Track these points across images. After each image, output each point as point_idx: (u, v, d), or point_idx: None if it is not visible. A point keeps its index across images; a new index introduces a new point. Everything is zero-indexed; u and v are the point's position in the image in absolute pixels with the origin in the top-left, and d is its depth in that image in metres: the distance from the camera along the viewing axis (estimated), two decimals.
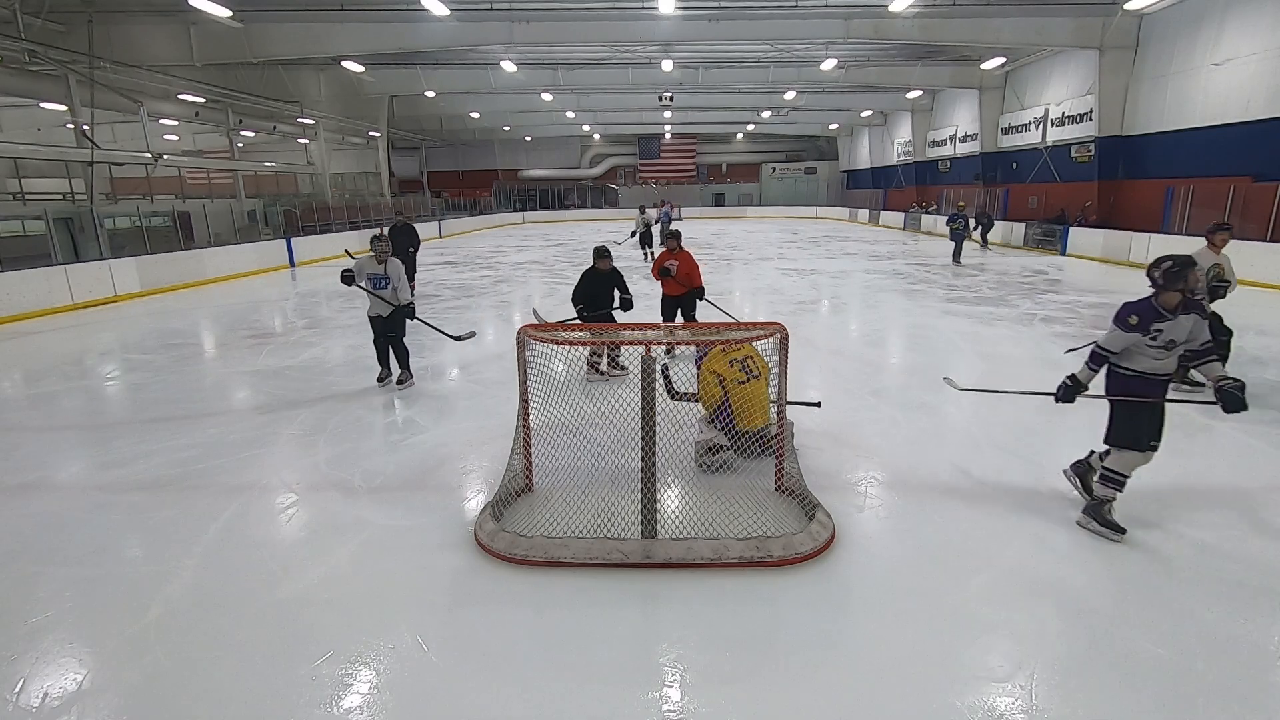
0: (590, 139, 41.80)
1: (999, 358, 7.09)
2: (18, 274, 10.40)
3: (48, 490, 4.21)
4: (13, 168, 20.08)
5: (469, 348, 7.24)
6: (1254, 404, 5.38)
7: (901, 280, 13.05)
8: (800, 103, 28.00)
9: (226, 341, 8.46)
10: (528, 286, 13.19)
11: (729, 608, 2.88)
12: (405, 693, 2.42)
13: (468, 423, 5.31)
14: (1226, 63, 13.75)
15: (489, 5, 15.53)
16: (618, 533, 3.34)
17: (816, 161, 42.20)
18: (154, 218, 16.50)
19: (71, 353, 8.10)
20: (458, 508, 3.84)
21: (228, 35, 15.47)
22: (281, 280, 14.80)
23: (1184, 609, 2.83)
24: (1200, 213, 13.63)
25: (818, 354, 7.34)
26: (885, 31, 16.32)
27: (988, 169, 23.51)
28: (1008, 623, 2.76)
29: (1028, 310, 9.60)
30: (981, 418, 5.26)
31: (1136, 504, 3.81)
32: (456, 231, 29.66)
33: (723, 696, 2.38)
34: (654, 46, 19.24)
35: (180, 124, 23.35)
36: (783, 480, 3.82)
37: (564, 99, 28.03)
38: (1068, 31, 16.28)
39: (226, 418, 5.49)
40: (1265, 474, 4.18)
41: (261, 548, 3.45)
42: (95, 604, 2.97)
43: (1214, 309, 5.46)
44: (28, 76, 15.97)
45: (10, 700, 2.40)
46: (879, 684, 2.43)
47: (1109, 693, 2.36)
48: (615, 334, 4.40)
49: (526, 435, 3.79)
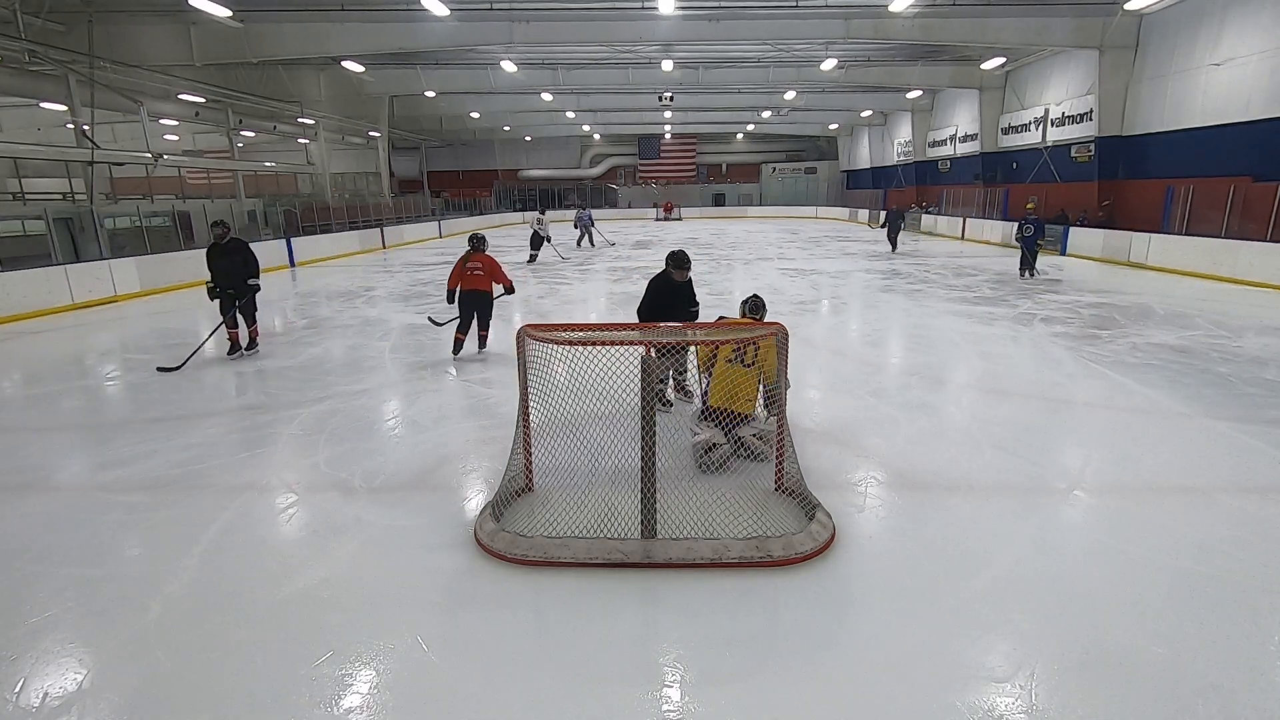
0: (590, 139, 41.81)
1: (999, 357, 7.10)
2: (18, 274, 10.39)
3: (48, 490, 4.21)
4: (13, 168, 20.10)
5: (469, 347, 7.24)
6: (1254, 404, 5.41)
7: (901, 280, 13.05)
8: (800, 103, 28.01)
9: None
10: (528, 287, 13.19)
11: (729, 608, 2.88)
12: (405, 693, 2.42)
13: (468, 423, 5.31)
14: (1226, 63, 13.75)
15: (489, 5, 15.53)
16: (618, 533, 3.34)
17: (816, 161, 42.21)
18: (154, 218, 16.50)
19: (71, 353, 8.09)
20: (458, 508, 3.84)
21: (228, 35, 15.48)
22: (281, 280, 14.79)
23: (1184, 609, 2.83)
24: (1200, 213, 13.64)
25: (818, 354, 7.34)
26: (885, 31, 16.33)
27: (988, 169, 23.51)
28: (1008, 623, 2.76)
29: (1028, 310, 9.60)
30: (981, 418, 5.26)
31: (1137, 503, 3.81)
32: (457, 231, 29.63)
33: (723, 696, 2.38)
34: (654, 46, 19.25)
35: (180, 124, 23.38)
36: (783, 480, 3.82)
37: (564, 99, 28.05)
38: (1068, 31, 16.28)
39: (226, 418, 5.49)
40: (1265, 474, 4.18)
41: (261, 548, 3.45)
42: (95, 604, 2.97)
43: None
44: (28, 76, 15.99)
45: (10, 700, 2.40)
46: (879, 684, 2.43)
47: (1109, 693, 2.36)
48: (614, 334, 4.40)
49: (526, 435, 3.79)
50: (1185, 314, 9.06)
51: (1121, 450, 4.61)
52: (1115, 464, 4.40)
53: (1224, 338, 7.68)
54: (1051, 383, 6.12)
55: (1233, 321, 8.58)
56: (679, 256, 5.01)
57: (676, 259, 5.01)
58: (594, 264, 16.86)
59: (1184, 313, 8.66)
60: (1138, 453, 4.56)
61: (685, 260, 5.00)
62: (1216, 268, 12.44)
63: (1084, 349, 7.26)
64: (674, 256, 5.03)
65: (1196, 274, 12.83)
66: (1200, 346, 7.26)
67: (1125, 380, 6.11)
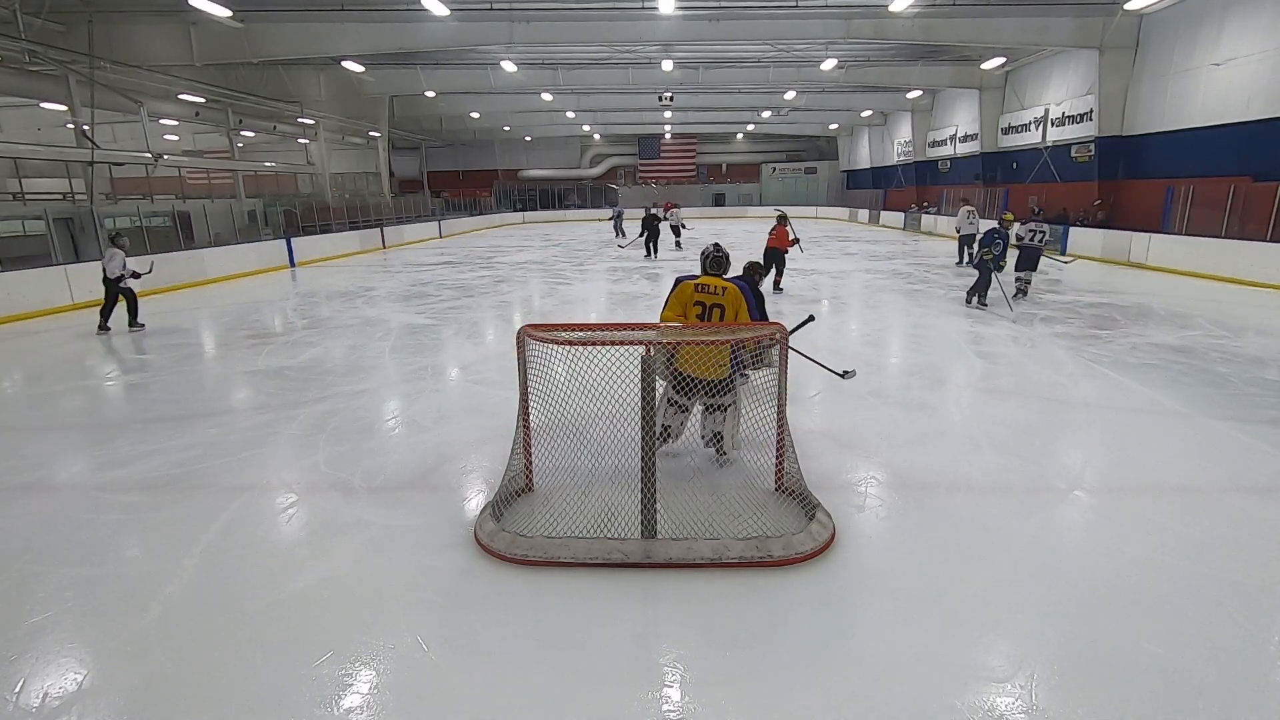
0: (590, 139, 41.80)
1: (999, 357, 7.10)
2: (18, 274, 10.40)
3: (48, 490, 4.21)
4: (13, 168, 20.08)
5: (469, 347, 7.24)
6: (1254, 403, 5.41)
7: (901, 280, 13.05)
8: (800, 103, 28.00)
9: (227, 341, 8.46)
10: (528, 287, 13.19)
11: (729, 608, 2.88)
12: (405, 693, 2.42)
13: (468, 423, 5.31)
14: (1226, 63, 13.75)
15: (489, 5, 15.53)
16: (618, 533, 3.34)
17: (816, 161, 42.20)
18: (154, 218, 16.52)
19: (71, 353, 8.09)
20: (458, 508, 3.84)
21: (228, 35, 15.48)
22: (281, 280, 14.80)
23: (1184, 609, 2.83)
24: (1200, 213, 13.64)
25: (818, 354, 7.32)
26: (885, 31, 16.33)
27: (988, 169, 23.51)
28: (1008, 623, 2.76)
29: (1027, 310, 9.60)
30: (981, 418, 5.26)
31: (1137, 503, 3.81)
32: (456, 231, 29.67)
33: (723, 696, 2.38)
34: (654, 46, 19.24)
35: (180, 124, 23.37)
36: (783, 480, 3.82)
37: (564, 99, 28.03)
38: (1068, 31, 16.28)
39: (226, 418, 5.48)
40: (1265, 474, 4.18)
41: (261, 548, 3.45)
42: (95, 604, 2.97)
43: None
44: (28, 76, 15.99)
45: (10, 700, 2.40)
46: (879, 684, 2.43)
47: (1109, 693, 2.36)
48: (614, 334, 4.39)
49: (526, 435, 3.79)
50: (1185, 314, 9.05)
51: (1121, 450, 4.61)
52: (1115, 464, 4.40)
53: (1224, 338, 7.68)
54: (1051, 383, 6.12)
55: (1233, 321, 8.58)
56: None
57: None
58: (594, 264, 16.86)
59: (1184, 313, 8.65)
60: (1138, 453, 4.56)
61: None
62: (1216, 268, 12.44)
63: (1084, 349, 7.26)
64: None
65: (1196, 274, 12.82)
66: (1200, 346, 7.26)
67: (1125, 380, 6.11)
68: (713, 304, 3.99)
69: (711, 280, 4.08)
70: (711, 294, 4.00)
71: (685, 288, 4.08)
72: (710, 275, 4.21)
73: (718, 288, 4.01)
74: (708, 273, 4.24)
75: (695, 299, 4.01)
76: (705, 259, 4.30)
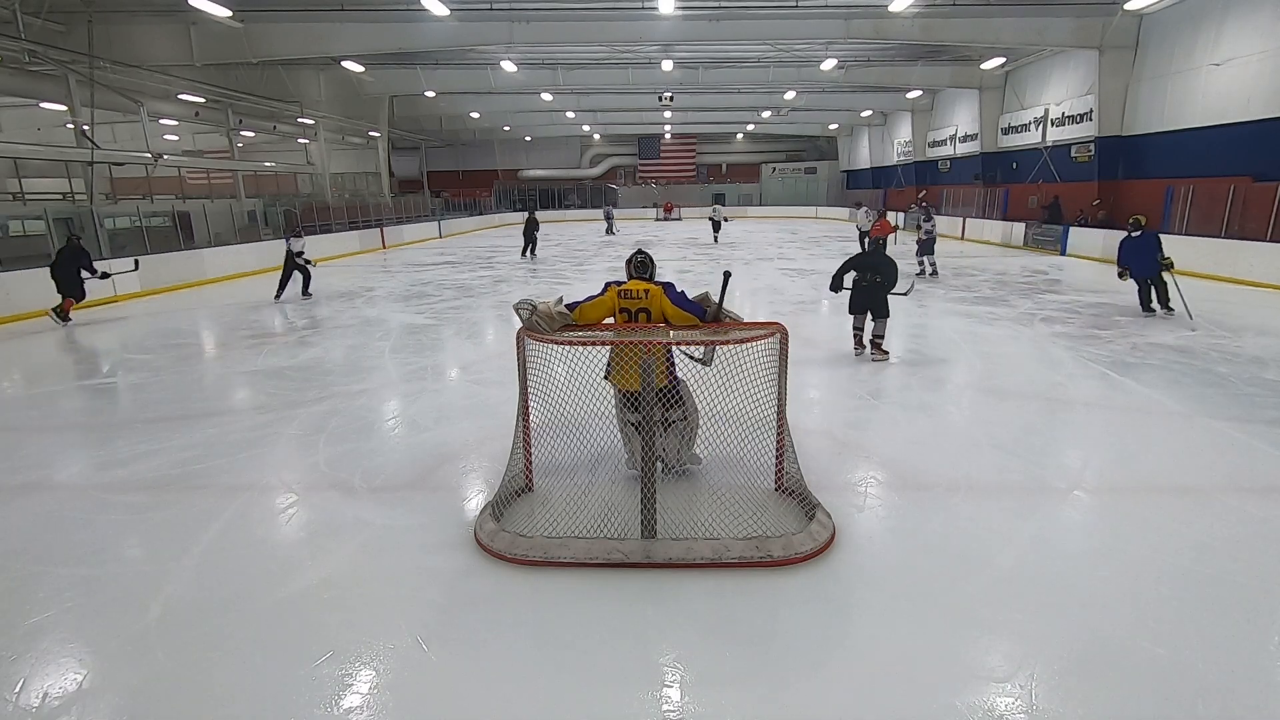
0: (590, 139, 41.79)
1: (999, 357, 7.10)
2: (18, 274, 10.39)
3: (48, 490, 4.21)
4: (13, 168, 20.09)
5: (469, 347, 7.24)
6: (1253, 404, 5.41)
7: (901, 280, 13.01)
8: (800, 103, 28.00)
9: (226, 341, 8.46)
10: (528, 287, 13.19)
11: (729, 608, 2.88)
12: (405, 693, 2.42)
13: (468, 423, 5.31)
14: (1226, 63, 13.75)
15: (489, 5, 15.53)
16: (618, 533, 3.34)
17: (816, 161, 42.19)
18: (154, 218, 16.49)
19: (72, 353, 8.10)
20: (458, 508, 3.84)
21: (228, 35, 15.48)
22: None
23: (1184, 609, 2.83)
24: (1200, 213, 13.64)
25: (818, 353, 7.34)
26: (885, 31, 16.33)
27: (988, 169, 23.52)
28: (1008, 623, 2.76)
29: (1028, 310, 9.60)
30: (981, 418, 5.27)
31: (1137, 503, 3.81)
32: (456, 231, 29.67)
33: (723, 696, 2.38)
34: (654, 46, 19.25)
35: (180, 124, 23.39)
36: (783, 480, 3.82)
37: (564, 99, 28.04)
38: (1068, 31, 16.28)
39: (226, 418, 5.48)
40: (1265, 474, 4.18)
41: (261, 548, 3.45)
42: (95, 604, 2.97)
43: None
44: (28, 76, 15.99)
45: (10, 700, 2.40)
46: (879, 684, 2.43)
47: (1109, 693, 2.36)
48: (614, 334, 4.39)
49: (526, 435, 3.79)
50: (1185, 314, 9.05)
51: (1121, 450, 4.61)
52: (1115, 464, 4.40)
53: (1224, 338, 7.67)
54: (1051, 383, 6.12)
55: (1233, 321, 8.57)
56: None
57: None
58: (593, 264, 16.86)
59: (1184, 313, 8.64)
60: (1138, 453, 4.56)
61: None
62: (1216, 268, 12.44)
63: (1084, 349, 7.26)
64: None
65: (1196, 274, 12.82)
66: (1200, 346, 7.26)
67: (1125, 380, 6.11)
68: (638, 309, 3.97)
69: (635, 285, 4.06)
70: (635, 298, 3.98)
71: (610, 294, 4.06)
72: (636, 279, 4.17)
73: (640, 291, 4.00)
74: (633, 277, 4.20)
75: (620, 305, 3.97)
76: (630, 264, 4.26)
